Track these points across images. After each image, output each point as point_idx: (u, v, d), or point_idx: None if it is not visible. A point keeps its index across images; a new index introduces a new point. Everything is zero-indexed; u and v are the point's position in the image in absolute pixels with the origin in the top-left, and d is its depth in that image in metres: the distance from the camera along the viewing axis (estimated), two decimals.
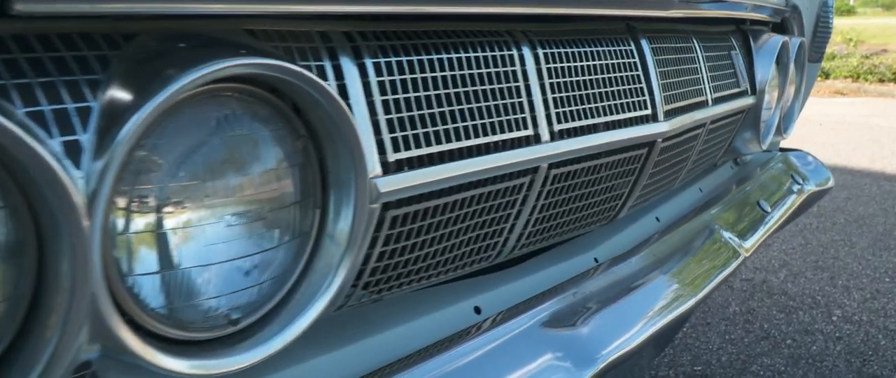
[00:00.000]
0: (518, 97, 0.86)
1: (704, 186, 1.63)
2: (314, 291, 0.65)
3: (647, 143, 1.07)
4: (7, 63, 0.48)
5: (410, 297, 0.91)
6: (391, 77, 0.73)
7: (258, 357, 0.60)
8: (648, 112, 1.07)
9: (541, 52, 0.90)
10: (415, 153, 0.74)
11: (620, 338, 0.94)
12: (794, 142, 5.25)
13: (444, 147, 0.77)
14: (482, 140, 0.81)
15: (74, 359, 0.50)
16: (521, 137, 0.86)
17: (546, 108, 0.90)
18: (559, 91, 0.92)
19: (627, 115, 1.03)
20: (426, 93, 0.76)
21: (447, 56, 0.79)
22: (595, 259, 1.17)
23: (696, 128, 1.26)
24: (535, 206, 0.93)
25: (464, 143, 0.79)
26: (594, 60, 0.99)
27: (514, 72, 0.87)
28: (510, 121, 0.85)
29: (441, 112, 0.77)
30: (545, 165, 0.89)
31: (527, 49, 0.89)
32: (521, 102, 0.87)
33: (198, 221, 0.56)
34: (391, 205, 0.72)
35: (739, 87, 1.46)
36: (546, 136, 0.89)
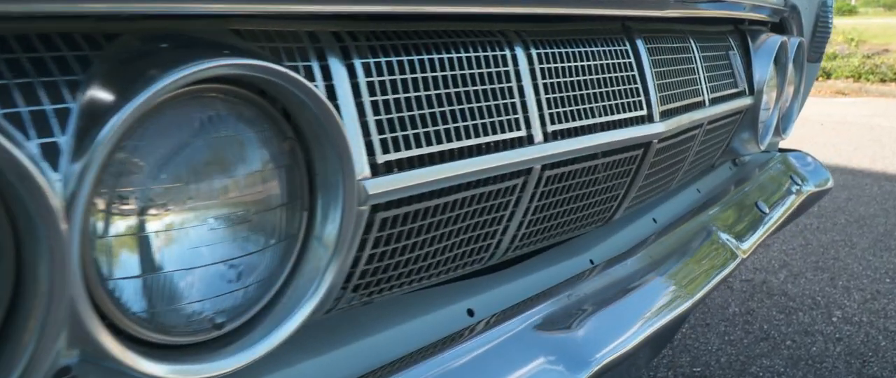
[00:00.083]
0: (511, 98, 0.86)
1: (702, 187, 1.62)
2: (301, 295, 0.65)
3: (643, 144, 1.07)
4: None
5: (402, 300, 0.90)
6: (381, 78, 0.72)
7: (243, 362, 0.59)
8: (644, 112, 1.06)
9: (534, 52, 0.89)
10: (405, 155, 0.73)
11: (615, 340, 0.94)
12: (795, 142, 5.24)
13: (435, 148, 0.76)
14: (474, 141, 0.80)
15: (53, 364, 0.49)
16: (514, 138, 0.85)
17: (539, 109, 0.89)
18: (553, 91, 0.91)
19: (622, 116, 1.02)
20: (417, 94, 0.75)
21: (438, 56, 0.78)
22: (591, 261, 1.16)
23: (693, 128, 1.25)
24: (529, 208, 0.93)
25: (455, 145, 0.78)
26: (588, 61, 0.98)
27: (507, 72, 0.86)
28: (503, 122, 0.84)
29: (432, 113, 0.76)
30: (538, 167, 0.88)
31: (520, 49, 0.88)
32: (514, 103, 0.86)
33: (181, 224, 0.55)
34: (380, 207, 0.71)
35: (737, 88, 1.45)
36: (539, 137, 0.88)
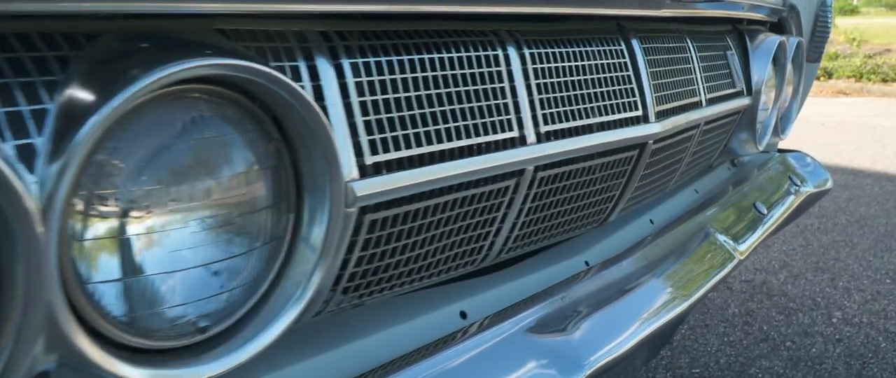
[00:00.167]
0: (503, 98, 0.85)
1: (700, 188, 1.61)
2: (288, 298, 0.64)
3: (638, 145, 1.06)
4: None
5: (394, 302, 0.89)
6: (370, 78, 0.71)
7: (227, 366, 0.58)
8: (639, 113, 1.05)
9: (527, 52, 0.88)
10: (394, 156, 0.72)
11: (609, 343, 0.93)
12: (796, 142, 5.22)
13: (425, 149, 0.75)
14: (465, 142, 0.79)
15: (30, 369, 0.48)
16: (506, 139, 0.84)
17: (532, 110, 0.88)
18: (546, 92, 0.90)
19: (617, 117, 1.01)
20: (407, 94, 0.75)
21: (429, 56, 0.77)
22: (586, 262, 1.15)
23: (690, 129, 1.24)
24: (522, 210, 0.92)
25: (446, 146, 0.77)
26: (582, 61, 0.97)
27: (499, 72, 0.85)
28: (495, 122, 0.83)
29: (422, 114, 0.76)
30: (531, 168, 0.87)
31: (512, 49, 0.87)
32: (506, 104, 0.85)
33: (163, 227, 0.54)
34: (369, 209, 0.70)
35: (735, 88, 1.44)
36: (532, 138, 0.87)
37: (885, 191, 4.57)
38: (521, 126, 0.86)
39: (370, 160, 0.70)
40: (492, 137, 0.82)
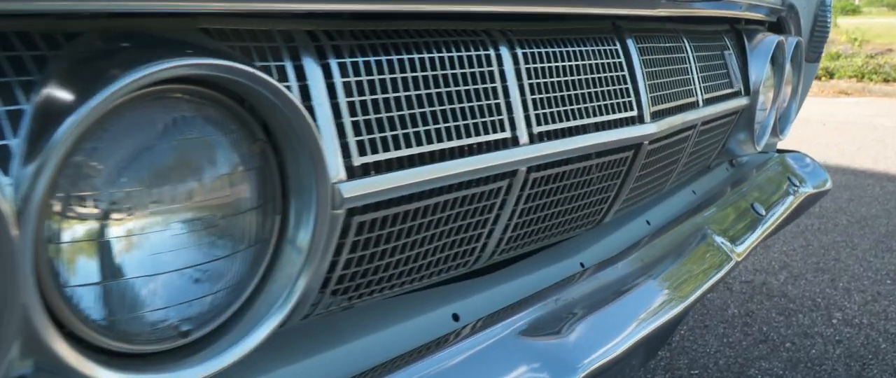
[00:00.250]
0: (495, 98, 0.84)
1: (698, 189, 1.60)
2: (273, 301, 0.63)
3: (633, 146, 1.05)
4: None
5: (385, 304, 0.88)
6: (358, 78, 0.70)
7: (210, 370, 0.57)
8: (634, 113, 1.04)
9: (519, 52, 0.87)
10: (383, 157, 0.71)
11: (602, 346, 0.92)
12: (797, 142, 5.21)
13: (415, 150, 0.74)
14: (456, 143, 0.78)
15: (6, 374, 0.48)
16: (498, 140, 0.83)
17: (525, 110, 0.87)
18: (539, 92, 0.89)
19: (612, 117, 1.00)
20: (396, 94, 0.74)
21: (419, 56, 0.76)
22: (581, 264, 1.14)
23: (686, 129, 1.23)
24: (515, 211, 0.91)
25: (436, 147, 0.76)
26: (576, 60, 0.96)
27: (491, 72, 0.84)
28: (486, 123, 0.82)
29: (412, 114, 0.75)
30: (524, 169, 0.86)
31: (505, 49, 0.86)
32: (498, 104, 0.84)
33: (144, 229, 0.53)
34: (357, 210, 0.70)
35: (732, 88, 1.43)
36: (525, 139, 0.86)
37: (887, 191, 4.56)
38: (514, 126, 0.85)
39: (358, 161, 0.69)
40: (483, 138, 0.82)
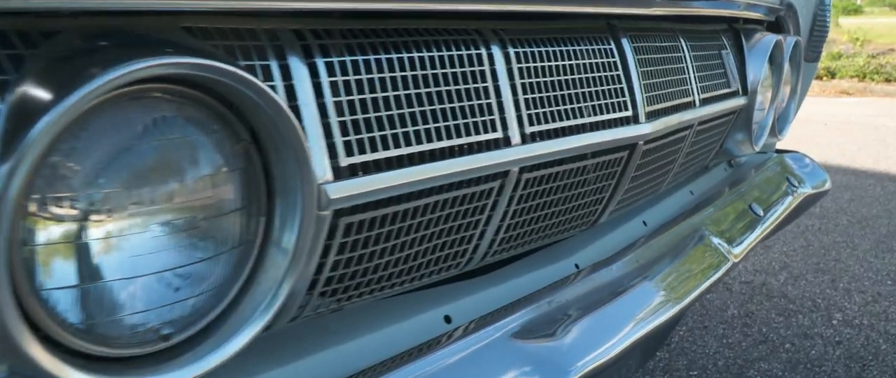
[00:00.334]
0: (486, 98, 0.83)
1: (696, 189, 1.59)
2: (258, 304, 0.62)
3: (628, 146, 1.04)
4: None
5: (376, 306, 0.87)
6: (346, 77, 0.69)
7: (192, 374, 0.56)
8: (629, 113, 1.03)
9: (512, 51, 0.86)
10: (371, 157, 0.70)
11: (596, 348, 0.91)
12: (798, 142, 5.20)
13: (404, 151, 0.73)
14: (446, 143, 0.77)
15: None
16: (490, 140, 0.82)
17: (517, 110, 0.86)
18: (531, 92, 0.88)
19: (606, 117, 0.99)
20: (385, 94, 0.73)
21: (408, 55, 0.75)
22: (576, 265, 1.13)
23: (683, 130, 1.22)
24: (507, 212, 0.90)
25: (426, 147, 0.75)
26: (569, 60, 0.95)
27: (482, 72, 0.83)
28: (477, 123, 0.81)
29: (401, 114, 0.74)
30: (516, 169, 0.85)
31: (496, 48, 0.85)
32: (490, 104, 0.83)
33: (123, 231, 0.53)
34: (344, 211, 0.69)
35: (730, 88, 1.42)
36: (517, 139, 0.85)
37: (888, 191, 4.54)
38: (506, 127, 0.84)
39: (346, 162, 0.68)
40: (474, 138, 0.81)
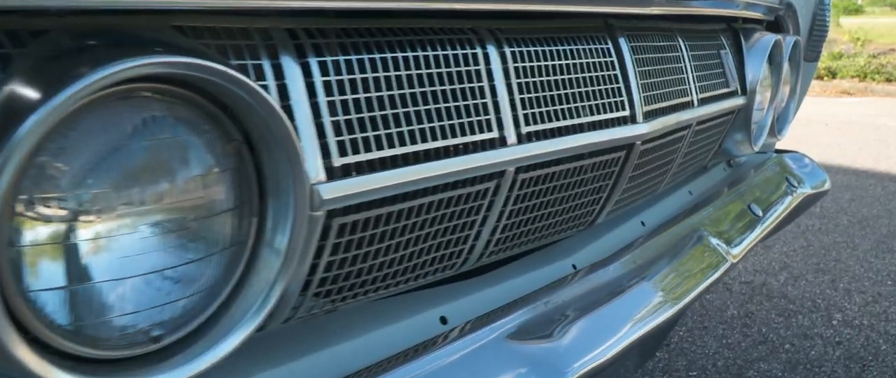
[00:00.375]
0: (482, 98, 0.82)
1: (694, 189, 1.58)
2: (250, 305, 0.61)
3: (625, 146, 1.03)
4: None
5: (371, 307, 0.87)
6: (339, 77, 0.69)
7: (182, 377, 0.56)
8: (626, 113, 1.03)
9: (507, 51, 0.86)
10: (365, 157, 0.70)
11: (592, 350, 0.90)
12: (799, 142, 5.19)
13: (399, 151, 0.73)
14: (441, 143, 0.77)
15: None
16: (485, 140, 0.82)
17: (513, 110, 0.86)
18: (528, 91, 0.88)
19: (603, 117, 0.99)
20: (379, 94, 0.72)
21: (402, 54, 0.75)
22: (573, 265, 1.12)
23: (680, 129, 1.22)
24: (503, 212, 0.89)
25: (420, 147, 0.75)
26: (566, 59, 0.94)
27: (478, 71, 0.82)
28: (473, 123, 0.81)
29: (395, 114, 0.73)
30: (512, 169, 0.85)
31: (492, 47, 0.84)
32: (486, 104, 0.83)
33: (112, 232, 0.52)
34: (338, 212, 0.68)
35: (729, 88, 1.41)
36: (513, 139, 0.85)
37: (888, 191, 4.53)
38: (501, 126, 0.84)
39: (339, 162, 0.67)
40: (470, 138, 0.80)
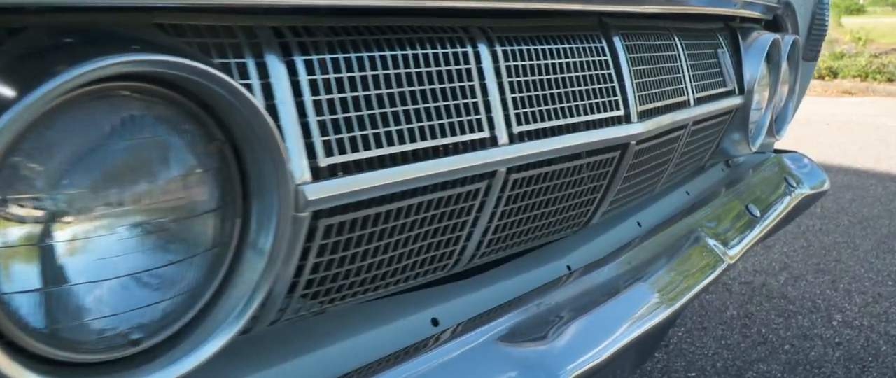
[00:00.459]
0: (472, 97, 0.81)
1: (692, 189, 1.57)
2: (233, 307, 0.60)
3: (620, 146, 1.02)
4: None
5: (361, 308, 0.86)
6: (325, 76, 0.68)
7: None
8: (621, 113, 1.02)
9: (499, 50, 0.85)
10: (352, 157, 0.69)
11: (586, 352, 0.89)
12: (799, 142, 5.18)
13: (387, 151, 0.72)
14: (430, 143, 0.76)
15: None
16: (476, 140, 0.81)
17: (504, 109, 0.84)
18: (519, 91, 0.87)
19: (597, 116, 0.97)
20: (366, 93, 0.71)
21: (391, 53, 0.74)
22: (568, 266, 1.11)
23: (677, 129, 1.21)
24: (495, 213, 0.88)
25: (409, 147, 0.74)
26: (559, 58, 0.93)
27: (468, 70, 0.81)
28: (463, 122, 0.80)
29: (383, 113, 0.72)
30: (503, 170, 0.84)
31: (483, 46, 0.83)
32: (476, 103, 0.82)
33: (89, 234, 0.51)
34: (324, 213, 0.67)
35: (726, 87, 1.40)
36: (504, 139, 0.84)
37: (889, 191, 4.52)
38: (492, 126, 0.83)
39: (325, 162, 0.66)
40: (460, 138, 0.79)
